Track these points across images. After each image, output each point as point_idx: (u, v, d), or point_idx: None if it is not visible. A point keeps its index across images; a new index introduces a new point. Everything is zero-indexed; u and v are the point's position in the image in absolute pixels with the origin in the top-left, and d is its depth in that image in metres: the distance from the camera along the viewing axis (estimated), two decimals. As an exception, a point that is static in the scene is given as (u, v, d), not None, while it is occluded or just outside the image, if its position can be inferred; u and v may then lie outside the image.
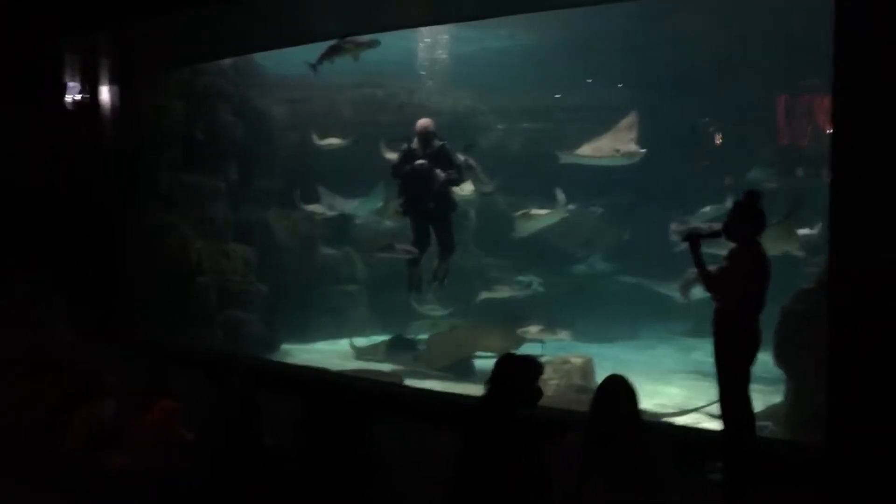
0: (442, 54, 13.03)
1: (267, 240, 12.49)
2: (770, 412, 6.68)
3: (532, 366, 4.20)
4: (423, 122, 9.82)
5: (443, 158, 9.63)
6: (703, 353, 6.07)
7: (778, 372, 6.85)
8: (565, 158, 10.75)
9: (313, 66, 10.07)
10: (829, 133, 5.47)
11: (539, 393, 4.15)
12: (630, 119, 10.74)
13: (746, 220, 5.12)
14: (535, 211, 11.49)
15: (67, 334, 8.31)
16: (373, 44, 9.58)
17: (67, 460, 5.49)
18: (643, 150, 10.49)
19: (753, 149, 13.28)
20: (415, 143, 9.66)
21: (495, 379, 4.15)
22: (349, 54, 9.66)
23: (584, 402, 6.42)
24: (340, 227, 12.77)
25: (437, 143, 9.63)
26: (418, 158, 9.58)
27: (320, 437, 3.84)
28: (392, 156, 10.61)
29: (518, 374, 4.14)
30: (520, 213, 11.60)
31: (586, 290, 13.01)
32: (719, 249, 5.46)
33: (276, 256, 12.51)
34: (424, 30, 11.93)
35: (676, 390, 9.17)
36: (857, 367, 5.19)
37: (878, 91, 5.01)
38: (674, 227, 10.65)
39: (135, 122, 10.57)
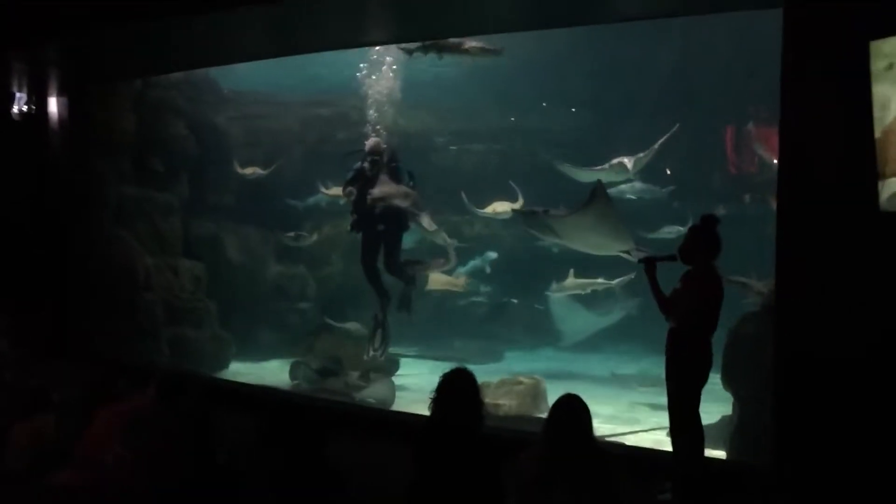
0: (397, 75, 13.06)
1: (218, 256, 12.35)
2: (716, 432, 6.77)
3: (472, 379, 4.21)
4: (372, 141, 9.86)
5: (393, 178, 9.66)
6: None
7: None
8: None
9: (409, 52, 9.83)
10: (775, 161, 5.64)
11: (481, 404, 4.17)
12: None
13: (702, 243, 5.21)
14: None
15: (11, 350, 8.08)
16: (497, 52, 9.51)
17: (9, 478, 5.32)
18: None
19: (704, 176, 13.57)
20: (366, 163, 9.66)
21: (441, 395, 4.15)
22: (470, 56, 9.56)
23: (535, 423, 6.51)
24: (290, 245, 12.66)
25: (388, 163, 9.66)
26: (368, 179, 9.60)
27: (275, 455, 3.79)
28: (333, 191, 10.75)
29: (463, 388, 4.15)
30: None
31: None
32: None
33: (226, 273, 12.38)
34: (380, 49, 11.93)
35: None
36: (804, 387, 5.32)
37: (822, 120, 5.19)
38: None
39: (85, 135, 10.40)
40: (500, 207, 11.30)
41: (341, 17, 8.17)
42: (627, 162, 10.69)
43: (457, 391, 4.19)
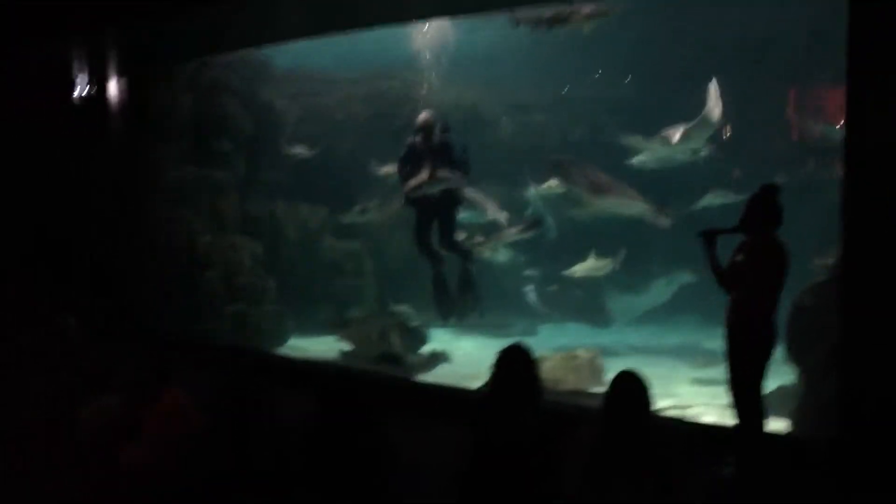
0: (446, 48, 12.96)
1: (274, 233, 12.49)
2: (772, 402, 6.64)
3: (529, 355, 4.20)
4: (423, 115, 9.73)
5: (445, 152, 9.53)
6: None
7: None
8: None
9: (518, 23, 9.75)
10: (841, 128, 5.44)
11: (539, 381, 4.16)
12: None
13: (763, 213, 5.08)
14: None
15: (76, 329, 8.30)
16: (605, 12, 9.44)
17: (80, 457, 5.48)
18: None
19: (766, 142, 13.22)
20: (417, 138, 9.59)
21: (499, 371, 4.15)
22: (577, 25, 9.51)
23: (593, 398, 6.46)
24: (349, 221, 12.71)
25: (440, 136, 9.55)
26: (421, 153, 9.52)
27: (330, 430, 3.83)
28: (386, 169, 10.69)
29: (520, 364, 4.14)
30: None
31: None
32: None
33: (283, 250, 12.52)
34: (429, 24, 11.87)
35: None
36: (869, 361, 5.18)
37: (891, 86, 4.99)
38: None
39: (142, 116, 10.58)
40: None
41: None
42: (674, 133, 10.43)
43: (514, 366, 4.19)
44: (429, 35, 13.27)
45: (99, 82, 10.27)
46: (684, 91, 12.13)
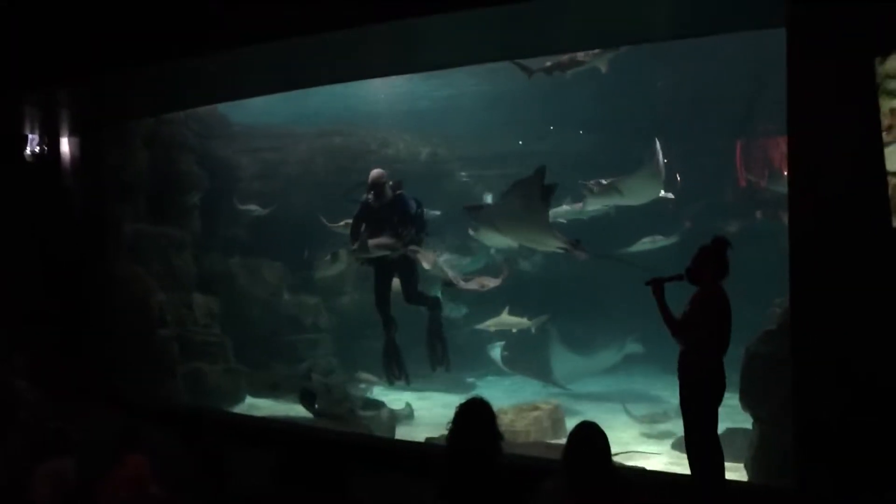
0: (404, 103, 13.18)
1: (231, 289, 12.40)
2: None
3: (488, 408, 4.21)
4: (374, 172, 9.56)
5: (398, 209, 9.44)
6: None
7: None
8: None
9: (528, 71, 10.01)
10: (786, 175, 5.62)
11: (498, 434, 4.16)
12: None
13: (711, 264, 5.20)
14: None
15: (29, 391, 8.10)
16: (603, 56, 9.84)
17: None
18: None
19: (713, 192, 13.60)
20: (369, 196, 9.47)
21: (458, 425, 4.15)
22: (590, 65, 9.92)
23: (554, 449, 6.47)
24: (304, 276, 12.70)
25: (392, 193, 9.47)
26: (374, 211, 9.45)
27: (294, 489, 3.79)
28: (337, 225, 10.67)
29: (479, 417, 4.15)
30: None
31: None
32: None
33: (240, 306, 12.42)
34: (387, 79, 12.03)
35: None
36: (823, 408, 5.28)
37: (829, 134, 5.19)
38: None
39: (98, 174, 10.49)
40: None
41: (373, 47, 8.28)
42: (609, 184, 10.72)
43: (473, 420, 4.18)
44: (386, 90, 13.51)
45: (52, 138, 10.18)
46: (637, 145, 12.48)
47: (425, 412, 10.53)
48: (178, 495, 4.91)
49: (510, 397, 10.94)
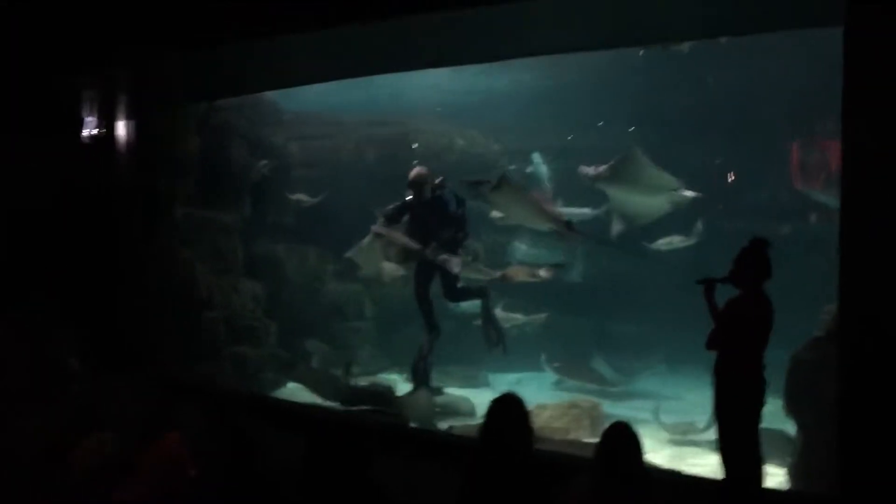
0: (453, 94, 13.13)
1: (277, 275, 12.53)
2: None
3: (521, 404, 4.19)
4: (414, 171, 9.56)
5: (437, 208, 9.45)
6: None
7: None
8: None
9: None
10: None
11: (530, 430, 4.14)
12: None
13: (751, 266, 5.09)
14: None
15: (75, 366, 8.30)
16: None
17: (72, 494, 5.45)
18: None
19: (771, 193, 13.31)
20: (409, 194, 9.50)
21: (490, 421, 4.14)
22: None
23: (591, 447, 6.40)
24: (350, 264, 12.76)
25: (433, 192, 9.47)
26: (414, 210, 9.49)
27: (320, 474, 3.82)
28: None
29: (512, 414, 4.13)
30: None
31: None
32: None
33: (285, 292, 12.55)
34: (436, 71, 12.01)
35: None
36: (869, 416, 5.14)
37: (886, 137, 5.04)
38: None
39: (150, 157, 10.67)
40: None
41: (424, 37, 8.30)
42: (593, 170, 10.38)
43: (506, 417, 4.17)
44: (436, 82, 13.48)
45: (107, 121, 10.38)
46: (691, 141, 12.31)
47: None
48: (210, 475, 4.98)
49: (550, 395, 10.83)
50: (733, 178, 14.07)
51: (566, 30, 7.76)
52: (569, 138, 14.47)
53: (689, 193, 10.24)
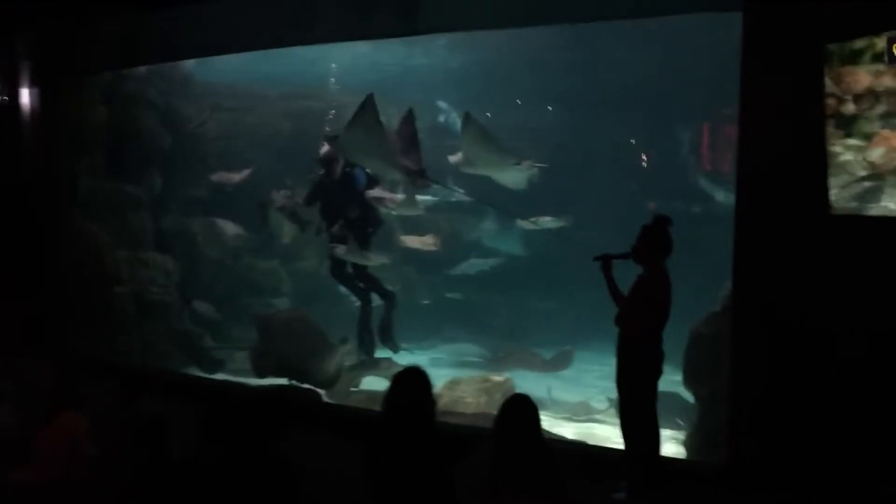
0: (367, 70, 13.03)
1: (190, 250, 12.28)
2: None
3: (422, 377, 4.22)
4: (325, 149, 9.59)
5: (347, 186, 9.49)
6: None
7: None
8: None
9: None
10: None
11: (433, 403, 4.18)
12: None
13: (654, 243, 5.22)
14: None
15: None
16: None
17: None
18: None
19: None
20: (321, 172, 9.53)
21: (392, 394, 4.17)
22: None
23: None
24: (264, 239, 12.58)
25: (344, 169, 9.49)
26: (325, 186, 9.50)
27: (222, 449, 3.78)
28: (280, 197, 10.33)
29: (414, 387, 4.16)
30: None
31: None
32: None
33: (199, 267, 12.32)
34: (351, 45, 11.91)
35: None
36: (760, 388, 5.38)
37: (779, 120, 5.24)
38: None
39: (55, 127, 10.31)
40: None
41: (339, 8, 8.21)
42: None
43: (408, 390, 4.20)
44: (354, 57, 13.36)
45: (11, 90, 9.98)
46: (606, 119, 12.52)
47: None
48: (113, 455, 4.89)
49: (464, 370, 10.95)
50: (646, 158, 14.42)
51: (483, 6, 7.82)
52: (487, 115, 14.55)
53: (535, 166, 10.17)
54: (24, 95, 10.06)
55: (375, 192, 9.54)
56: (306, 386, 8.98)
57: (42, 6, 8.96)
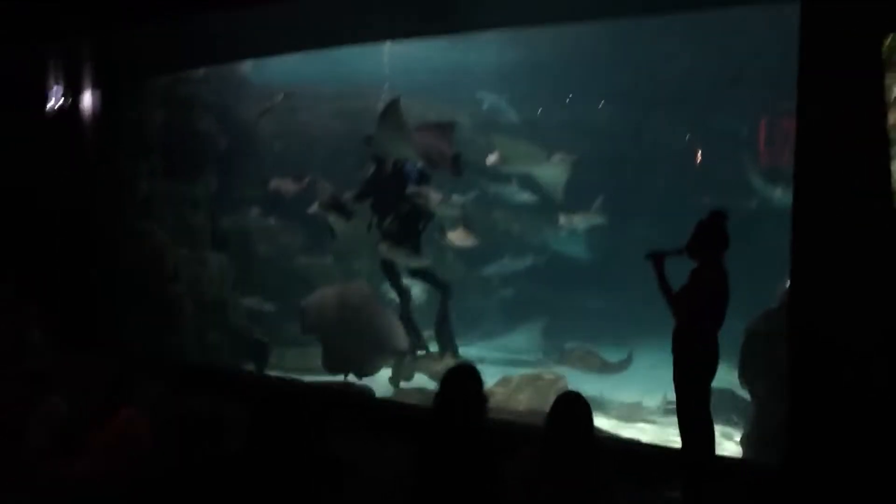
0: (419, 68, 13.05)
1: (245, 248, 12.48)
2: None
3: (473, 374, 4.22)
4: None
5: (398, 182, 9.61)
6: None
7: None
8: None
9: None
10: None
11: (484, 401, 4.18)
12: None
13: (709, 238, 5.15)
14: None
15: (36, 339, 8.24)
16: None
17: (30, 464, 5.42)
18: None
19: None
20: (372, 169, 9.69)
21: (443, 391, 4.18)
22: None
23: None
24: (318, 238, 12.71)
25: (395, 166, 9.62)
26: (377, 182, 9.66)
27: (269, 445, 3.82)
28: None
29: (466, 384, 4.16)
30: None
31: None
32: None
33: (253, 266, 12.50)
34: (402, 44, 11.96)
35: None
36: (818, 387, 5.25)
37: (840, 118, 5.10)
38: None
39: (115, 130, 10.56)
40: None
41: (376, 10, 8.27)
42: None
43: (459, 387, 4.20)
44: (404, 55, 13.39)
45: (72, 94, 10.24)
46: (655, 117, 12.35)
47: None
48: (168, 452, 4.97)
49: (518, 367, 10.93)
50: (701, 153, 14.20)
51: (534, 2, 7.79)
52: (538, 112, 14.51)
53: (567, 158, 10.36)
54: (86, 99, 10.32)
55: (412, 189, 9.60)
56: (358, 383, 9.06)
57: (101, 10, 9.16)
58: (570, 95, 14.33)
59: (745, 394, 6.91)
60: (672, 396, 5.30)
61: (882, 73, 4.74)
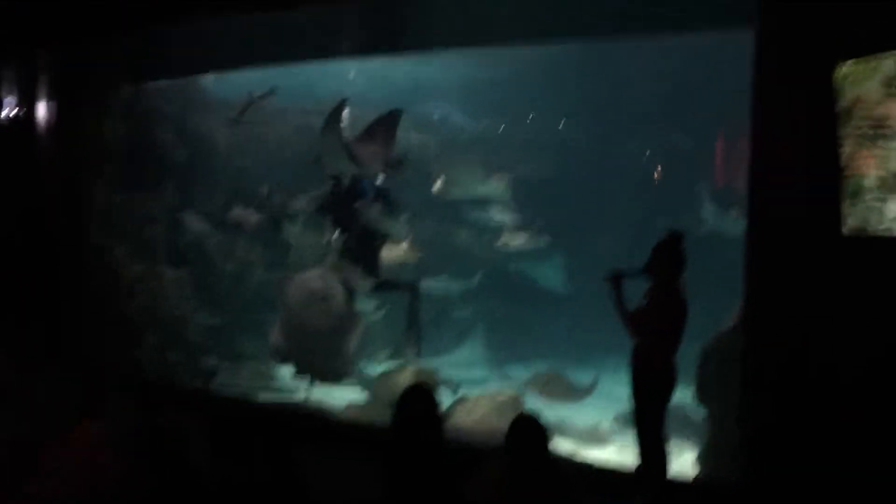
0: (387, 84, 13.08)
1: (203, 263, 12.33)
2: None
3: (430, 395, 4.24)
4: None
5: (355, 197, 9.55)
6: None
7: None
8: None
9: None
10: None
11: (440, 421, 4.20)
12: None
13: (667, 259, 5.22)
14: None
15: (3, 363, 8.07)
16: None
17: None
18: None
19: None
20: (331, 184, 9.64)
21: (399, 412, 4.19)
22: None
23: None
24: (279, 253, 12.61)
25: (353, 181, 9.57)
26: (335, 198, 9.62)
27: (230, 463, 3.80)
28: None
29: (421, 404, 4.18)
30: None
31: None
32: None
33: (211, 280, 12.36)
34: (365, 61, 12.01)
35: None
36: (771, 406, 5.35)
37: (791, 137, 5.23)
38: None
39: (73, 141, 10.42)
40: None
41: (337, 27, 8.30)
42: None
43: (415, 407, 4.22)
44: (364, 70, 13.44)
45: (29, 103, 10.11)
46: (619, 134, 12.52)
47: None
48: (131, 468, 4.89)
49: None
50: (659, 172, 14.38)
51: (498, 23, 7.88)
52: (500, 130, 14.60)
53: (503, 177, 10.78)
54: (43, 110, 10.18)
55: (359, 204, 9.54)
56: (316, 402, 9.00)
57: (57, 21, 9.06)
58: (532, 115, 14.45)
59: (698, 412, 7.00)
60: (627, 416, 5.36)
61: (835, 99, 4.85)
